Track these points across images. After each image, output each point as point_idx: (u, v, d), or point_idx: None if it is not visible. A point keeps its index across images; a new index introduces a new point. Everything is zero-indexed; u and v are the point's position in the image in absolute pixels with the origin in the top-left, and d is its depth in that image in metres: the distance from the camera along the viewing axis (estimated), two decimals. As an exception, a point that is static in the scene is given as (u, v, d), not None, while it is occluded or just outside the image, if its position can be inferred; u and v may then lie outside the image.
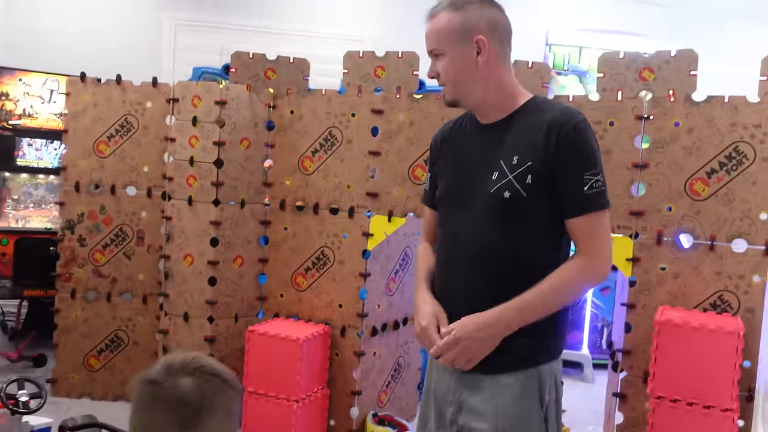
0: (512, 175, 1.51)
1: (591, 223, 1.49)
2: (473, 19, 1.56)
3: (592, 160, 1.49)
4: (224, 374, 1.16)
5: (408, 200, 2.71)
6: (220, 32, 4.97)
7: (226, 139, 2.81)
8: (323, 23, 5.07)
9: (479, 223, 1.54)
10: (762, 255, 2.26)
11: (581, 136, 1.49)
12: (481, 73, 1.56)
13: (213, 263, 2.83)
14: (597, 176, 1.49)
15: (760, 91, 2.26)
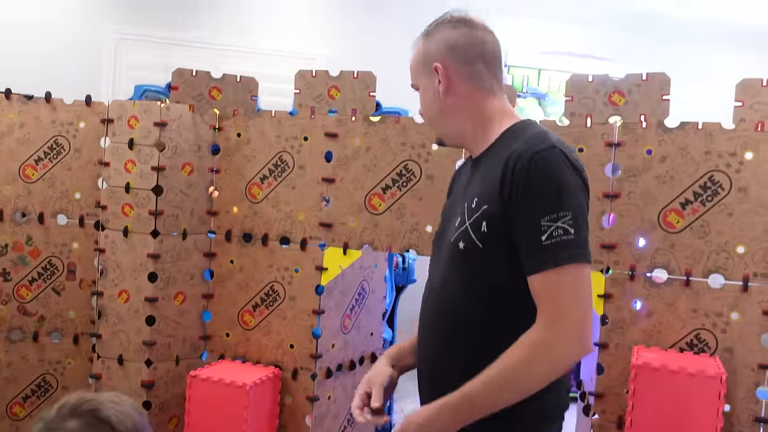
0: (469, 221, 1.29)
1: (551, 282, 1.19)
2: (433, 45, 1.40)
3: (553, 201, 1.20)
4: (112, 419, 1.14)
5: (364, 231, 2.52)
6: (165, 48, 4.73)
7: (166, 164, 2.58)
8: (273, 40, 4.87)
9: (441, 276, 1.37)
10: (740, 291, 2.14)
11: (538, 171, 1.21)
12: (448, 103, 1.38)
13: (151, 300, 2.58)
14: (559, 222, 1.18)
15: (734, 118, 2.15)
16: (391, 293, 3.69)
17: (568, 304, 1.18)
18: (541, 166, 1.22)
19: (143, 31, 4.71)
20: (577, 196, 1.23)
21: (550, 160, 1.23)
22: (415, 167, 2.46)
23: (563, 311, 1.18)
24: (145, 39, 4.72)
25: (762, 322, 2.12)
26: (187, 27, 4.76)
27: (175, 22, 4.75)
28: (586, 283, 1.20)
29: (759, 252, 2.11)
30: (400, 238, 2.48)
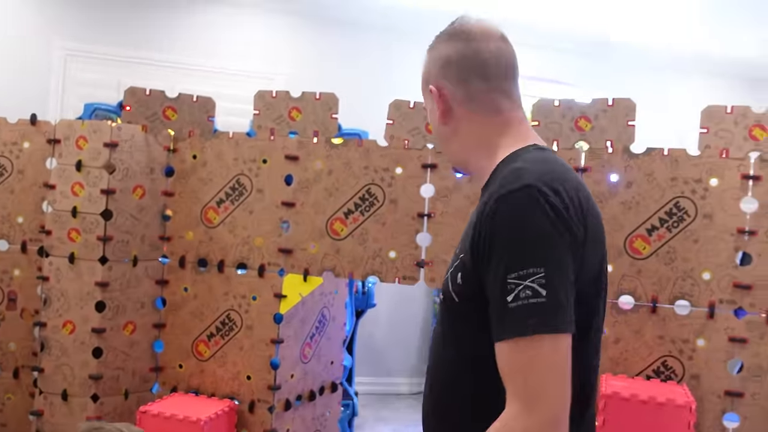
0: (449, 271, 1.12)
1: (519, 355, 0.97)
2: (430, 64, 1.24)
3: (521, 255, 0.98)
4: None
5: (326, 257, 2.43)
6: (117, 65, 4.58)
7: (117, 187, 2.46)
8: (231, 59, 4.77)
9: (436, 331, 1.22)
10: (706, 317, 2.12)
11: (504, 217, 1.01)
12: (448, 128, 1.22)
13: (98, 331, 2.43)
14: (526, 280, 0.96)
15: (700, 144, 2.15)
16: (351, 319, 3.60)
17: (546, 384, 0.96)
18: (508, 211, 1.01)
19: (94, 48, 4.55)
20: (555, 246, 0.99)
21: (518, 203, 1.01)
22: (378, 191, 2.39)
23: (539, 395, 0.96)
24: (96, 56, 4.56)
25: (728, 348, 2.10)
26: (141, 45, 4.62)
27: (128, 39, 4.61)
28: (562, 357, 0.97)
29: (724, 278, 2.10)
30: (363, 264, 2.40)
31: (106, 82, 4.51)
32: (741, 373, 2.09)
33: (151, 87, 2.62)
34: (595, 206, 1.12)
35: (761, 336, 2.07)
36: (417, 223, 2.36)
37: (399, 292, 4.80)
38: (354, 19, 4.92)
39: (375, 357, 5.02)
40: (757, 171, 2.08)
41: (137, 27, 4.64)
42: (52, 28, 4.51)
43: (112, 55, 4.56)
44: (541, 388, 0.96)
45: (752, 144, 2.10)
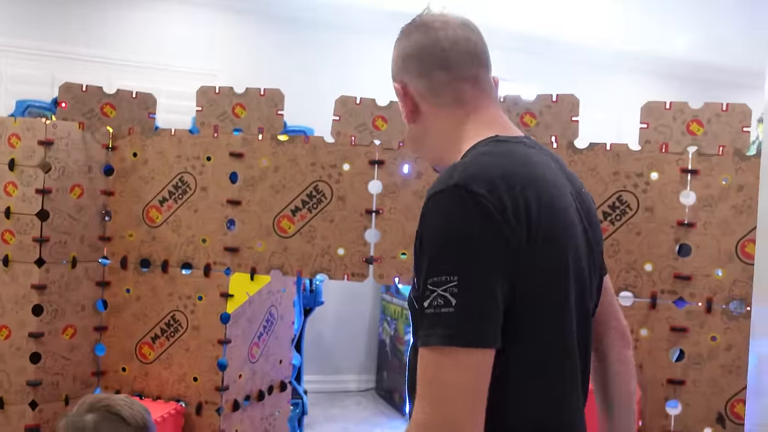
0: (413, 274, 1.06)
1: (423, 362, 0.92)
2: (392, 62, 1.19)
3: (438, 260, 0.92)
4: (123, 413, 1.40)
5: (273, 255, 2.40)
6: (52, 61, 4.42)
7: (53, 186, 2.36)
8: (171, 55, 4.66)
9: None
10: (648, 308, 2.18)
11: (427, 221, 0.96)
12: (416, 127, 1.18)
13: (36, 336, 2.34)
14: (440, 288, 0.90)
15: (640, 140, 2.20)
16: (299, 317, 3.57)
17: (441, 401, 0.89)
18: (433, 214, 0.95)
19: (27, 44, 4.38)
20: (475, 253, 0.92)
21: (440, 205, 0.94)
22: (325, 188, 2.37)
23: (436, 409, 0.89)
24: (28, 51, 4.38)
25: (670, 337, 2.16)
26: (76, 40, 4.47)
27: (63, 34, 4.45)
28: (467, 374, 0.90)
29: (666, 270, 2.15)
30: (311, 262, 2.38)
31: (40, 78, 4.35)
32: (682, 361, 2.15)
33: (89, 83, 2.53)
34: (559, 201, 1.04)
35: (701, 325, 2.13)
36: (365, 219, 2.35)
37: (347, 290, 4.79)
38: (296, 16, 4.87)
39: (324, 355, 4.99)
40: (695, 165, 2.14)
41: (72, 21, 4.49)
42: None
43: (45, 51, 4.40)
44: (440, 403, 0.89)
45: (690, 139, 2.16)
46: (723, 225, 2.12)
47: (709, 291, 2.13)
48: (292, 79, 4.76)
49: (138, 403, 1.47)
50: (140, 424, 1.42)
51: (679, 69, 5.72)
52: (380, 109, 2.36)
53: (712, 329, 2.13)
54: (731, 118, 2.13)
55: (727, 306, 2.12)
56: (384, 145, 2.34)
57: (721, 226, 2.12)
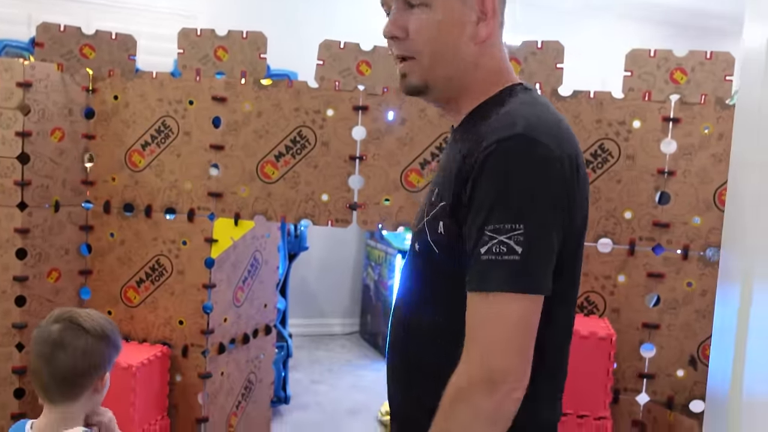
0: (427, 218, 1.04)
1: (482, 308, 0.93)
2: None
3: (504, 208, 0.92)
4: (85, 324, 1.53)
5: (257, 201, 2.40)
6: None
7: (33, 129, 2.33)
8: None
9: (404, 273, 1.14)
10: (626, 254, 2.22)
11: (496, 165, 0.94)
12: (473, 49, 1.05)
13: (21, 279, 2.35)
14: (504, 235, 0.91)
15: (623, 87, 2.20)
16: (283, 262, 3.59)
17: (501, 343, 0.92)
18: (500, 160, 0.93)
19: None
20: (543, 204, 0.93)
21: (510, 153, 0.94)
22: (309, 134, 2.36)
23: (494, 351, 0.92)
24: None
25: (647, 283, 2.21)
26: (52, -24, 4.34)
27: (37, -30, 4.31)
28: (526, 319, 0.93)
29: (645, 217, 2.19)
30: (295, 208, 2.39)
31: (16, 16, 4.23)
32: (658, 306, 2.21)
33: (67, 23, 2.48)
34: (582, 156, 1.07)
35: (677, 271, 2.18)
36: (349, 165, 2.35)
37: (331, 235, 4.82)
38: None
39: (308, 299, 5.05)
40: (677, 113, 2.15)
41: (48, -43, 4.35)
42: (-48, -44, 4.18)
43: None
44: (499, 345, 0.92)
45: (673, 87, 2.17)
46: (702, 173, 2.15)
47: (687, 238, 2.17)
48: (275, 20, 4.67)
49: (100, 316, 1.59)
50: (99, 332, 1.54)
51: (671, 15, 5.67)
52: (364, 54, 2.33)
53: (688, 275, 2.18)
54: (715, 67, 2.13)
55: (703, 253, 2.17)
56: (368, 90, 2.32)
57: (700, 174, 2.15)
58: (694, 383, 2.18)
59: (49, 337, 1.53)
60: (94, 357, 1.53)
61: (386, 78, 2.32)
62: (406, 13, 1.04)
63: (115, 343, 1.60)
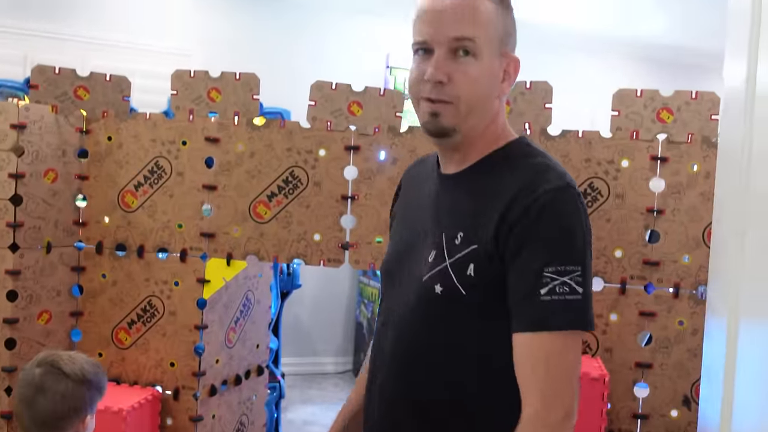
0: (450, 261, 1.07)
1: (542, 348, 0.99)
2: (512, 29, 1.15)
3: (563, 251, 1.01)
4: (65, 368, 1.57)
5: (249, 241, 2.41)
6: (24, 39, 4.34)
7: (26, 171, 2.34)
8: (145, 34, 4.60)
9: (408, 315, 1.13)
10: (618, 293, 2.22)
11: (552, 212, 1.02)
12: (496, 103, 1.14)
13: (11, 321, 2.33)
14: (565, 276, 0.99)
15: (611, 127, 2.23)
16: (276, 300, 3.58)
17: (564, 380, 0.99)
18: (555, 207, 1.03)
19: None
20: (589, 249, 1.06)
21: (565, 201, 1.04)
22: (301, 173, 2.38)
23: (561, 390, 0.99)
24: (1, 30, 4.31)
25: (638, 322, 2.21)
26: (50, 17, 4.40)
27: (36, 11, 4.37)
28: (580, 353, 1.03)
29: (635, 256, 2.20)
30: (287, 248, 2.39)
31: (12, 57, 4.28)
32: (650, 345, 2.21)
33: (62, 62, 2.50)
34: None
35: (668, 310, 2.18)
36: (341, 205, 2.36)
37: (324, 273, 4.81)
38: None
39: (301, 337, 5.02)
40: (665, 152, 2.18)
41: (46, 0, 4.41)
42: (-50, -1, 4.24)
43: (18, 29, 4.32)
44: (563, 381, 0.99)
45: (660, 126, 2.20)
46: (691, 212, 2.17)
47: (677, 276, 2.18)
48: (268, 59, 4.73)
49: (84, 359, 1.63)
50: (79, 376, 1.58)
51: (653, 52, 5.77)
52: (355, 95, 2.36)
53: (680, 314, 2.18)
54: (700, 106, 2.17)
55: (693, 291, 2.18)
56: (359, 130, 2.35)
57: (689, 212, 2.17)
58: (688, 423, 2.17)
59: (31, 381, 1.57)
60: (74, 401, 1.57)
61: (377, 118, 2.34)
62: (450, 60, 1.09)
63: (97, 385, 1.63)
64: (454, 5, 1.07)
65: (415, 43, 1.13)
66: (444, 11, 1.08)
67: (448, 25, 1.07)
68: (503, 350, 1.05)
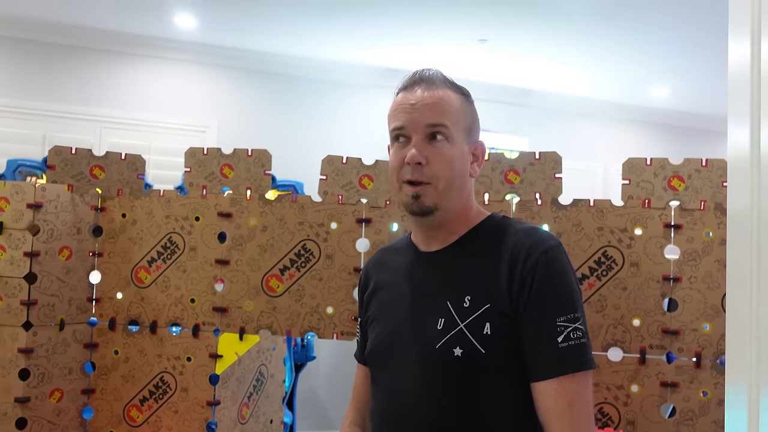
0: (464, 323, 1.14)
1: (567, 390, 1.09)
2: (476, 119, 1.29)
3: (569, 302, 1.13)
4: None
5: (262, 315, 2.39)
6: (43, 120, 4.46)
7: (41, 249, 2.37)
8: (161, 111, 4.71)
9: (421, 390, 1.17)
10: (638, 363, 2.17)
11: (554, 268, 1.14)
12: (469, 182, 1.29)
13: (22, 401, 2.31)
14: (575, 323, 1.12)
15: (623, 195, 2.22)
16: (290, 373, 3.53)
17: (586, 415, 1.10)
18: (555, 264, 1.16)
19: (18, 103, 4.43)
20: (580, 296, 1.18)
21: (562, 258, 1.17)
22: (313, 247, 2.38)
23: (584, 423, 1.09)
24: (20, 110, 4.43)
25: (661, 393, 2.15)
26: (67, 98, 4.52)
27: (55, 93, 4.50)
28: (591, 391, 1.13)
29: (653, 324, 2.16)
30: (300, 321, 2.37)
31: (31, 137, 4.39)
32: (674, 417, 2.14)
33: (80, 141, 2.58)
34: None
35: (691, 380, 2.13)
36: (354, 277, 2.35)
37: (338, 343, 4.75)
38: (286, 72, 4.95)
39: (316, 410, 4.93)
40: (678, 220, 2.17)
41: (63, 81, 4.55)
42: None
43: (37, 110, 4.45)
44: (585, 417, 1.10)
45: (671, 194, 2.19)
46: (708, 279, 2.14)
47: (698, 345, 2.13)
48: (282, 132, 4.82)
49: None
50: None
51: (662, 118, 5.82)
52: (366, 168, 2.39)
53: (703, 384, 2.12)
54: (711, 174, 2.17)
55: (715, 360, 2.12)
56: (371, 203, 2.36)
57: (706, 280, 2.14)
58: (719, 499, 2.08)
59: None
60: None
61: (388, 191, 2.36)
62: (428, 144, 1.22)
63: None
64: (427, 98, 1.22)
65: (395, 129, 1.24)
66: (418, 103, 1.22)
67: (424, 114, 1.21)
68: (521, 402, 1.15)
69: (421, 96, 1.22)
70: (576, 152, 4.39)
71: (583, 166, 5.28)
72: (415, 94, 1.23)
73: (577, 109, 5.56)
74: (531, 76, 5.03)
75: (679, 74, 4.92)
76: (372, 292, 1.37)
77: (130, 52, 4.66)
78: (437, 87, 1.24)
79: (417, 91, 1.23)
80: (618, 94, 5.40)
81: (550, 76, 5.04)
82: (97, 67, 4.60)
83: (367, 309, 1.36)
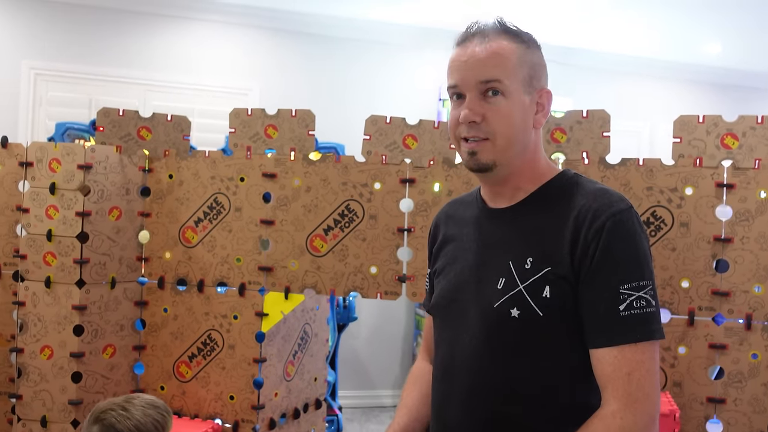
0: (523, 285, 1.13)
1: (628, 360, 1.06)
2: (540, 65, 1.22)
3: (635, 269, 1.08)
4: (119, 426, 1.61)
5: (306, 274, 2.42)
6: (89, 83, 4.53)
7: (92, 209, 2.42)
8: (204, 74, 4.74)
9: (478, 348, 1.17)
10: (686, 325, 2.14)
11: (621, 232, 1.09)
12: (533, 134, 1.21)
13: (77, 355, 2.39)
14: (641, 291, 1.07)
15: (674, 154, 2.17)
16: (333, 333, 3.59)
17: (647, 386, 1.06)
18: (623, 228, 1.10)
19: (64, 66, 4.49)
20: (652, 265, 1.13)
21: (631, 222, 1.11)
22: (357, 207, 2.39)
23: (643, 394, 1.05)
24: (67, 74, 4.50)
25: (709, 355, 2.12)
26: (113, 62, 4.58)
27: (99, 57, 4.56)
28: (658, 361, 1.10)
29: (702, 285, 2.12)
30: (344, 281, 2.40)
31: (78, 100, 4.46)
32: (722, 379, 2.12)
33: (125, 104, 2.61)
34: None
35: (740, 342, 2.09)
36: (397, 237, 2.36)
37: (380, 305, 4.80)
38: (326, 33, 4.92)
39: (358, 370, 5.00)
40: (731, 179, 2.11)
41: (108, 45, 4.60)
42: (18, 49, 4.45)
43: (83, 74, 4.51)
44: (646, 390, 1.06)
45: (724, 152, 2.13)
46: (761, 239, 2.08)
47: (748, 307, 2.09)
48: (322, 94, 4.81)
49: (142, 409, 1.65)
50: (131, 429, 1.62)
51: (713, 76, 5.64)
52: (410, 128, 2.37)
53: (753, 346, 2.09)
54: (767, 131, 2.09)
55: (767, 322, 2.08)
56: (414, 163, 2.35)
57: (759, 240, 2.09)
58: (767, 462, 2.06)
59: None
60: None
61: (432, 151, 2.34)
62: (483, 101, 1.18)
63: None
64: (479, 53, 1.17)
65: (449, 88, 1.22)
66: (470, 59, 1.18)
67: (476, 70, 1.17)
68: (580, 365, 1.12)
69: (473, 51, 1.18)
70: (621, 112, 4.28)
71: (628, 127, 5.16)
72: (467, 50, 1.19)
73: (623, 68, 5.42)
74: (575, 33, 4.91)
75: (732, 30, 4.74)
76: (440, 246, 1.34)
77: (172, 14, 4.68)
78: (491, 39, 1.18)
79: (469, 47, 1.19)
80: (667, 51, 5.24)
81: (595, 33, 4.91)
82: (140, 29, 4.64)
83: (435, 261, 1.34)
